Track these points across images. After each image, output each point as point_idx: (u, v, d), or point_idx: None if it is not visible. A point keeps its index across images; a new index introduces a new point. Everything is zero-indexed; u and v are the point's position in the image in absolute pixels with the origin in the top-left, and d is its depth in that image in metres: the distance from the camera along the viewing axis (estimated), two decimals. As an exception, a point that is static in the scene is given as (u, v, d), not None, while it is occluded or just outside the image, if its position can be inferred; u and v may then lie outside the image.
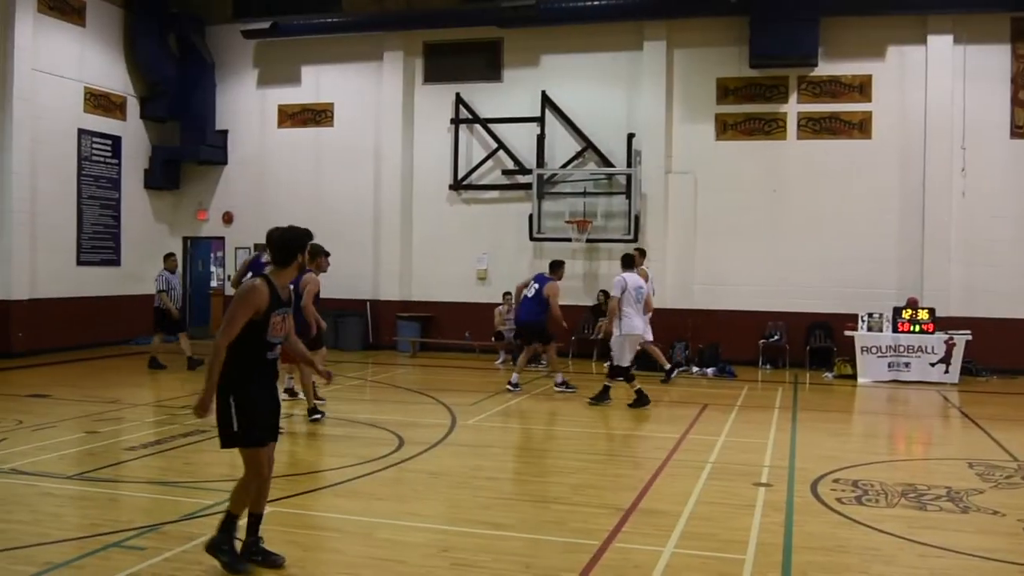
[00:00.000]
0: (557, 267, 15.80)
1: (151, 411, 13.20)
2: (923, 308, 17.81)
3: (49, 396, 14.07)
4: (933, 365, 17.45)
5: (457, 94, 21.88)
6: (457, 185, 21.87)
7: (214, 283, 24.76)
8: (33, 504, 7.90)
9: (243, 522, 6.42)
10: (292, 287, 6.63)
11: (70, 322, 20.22)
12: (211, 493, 8.21)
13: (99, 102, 21.90)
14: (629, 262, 14.16)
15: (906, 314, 17.72)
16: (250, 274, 11.14)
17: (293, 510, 7.87)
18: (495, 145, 21.66)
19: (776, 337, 19.43)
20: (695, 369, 18.58)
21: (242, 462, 6.35)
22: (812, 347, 19.20)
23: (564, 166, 21.15)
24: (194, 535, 6.94)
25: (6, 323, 19.10)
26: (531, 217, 20.74)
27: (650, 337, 15.69)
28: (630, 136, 20.56)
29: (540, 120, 21.27)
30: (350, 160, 22.73)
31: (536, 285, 15.58)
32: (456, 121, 21.94)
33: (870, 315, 17.97)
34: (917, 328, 17.61)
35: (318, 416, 12.17)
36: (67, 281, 20.69)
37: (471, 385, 16.49)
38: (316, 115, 23.15)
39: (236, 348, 6.13)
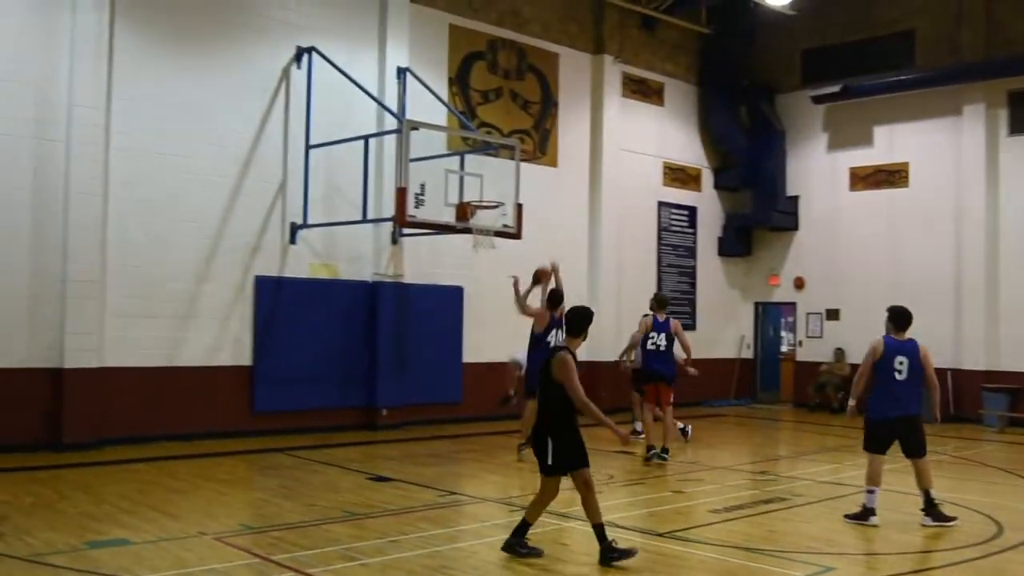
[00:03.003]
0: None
1: (730, 474, 13.50)
2: None
3: (632, 453, 14.84)
4: None
5: (1048, 144, 20.01)
6: (1054, 243, 19.90)
7: (784, 348, 24.87)
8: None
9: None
10: None
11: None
12: (797, 564, 8.14)
13: (676, 175, 23.32)
14: None
15: None
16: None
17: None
18: (1097, 198, 19.44)
19: None
20: None
21: (544, 486, 8.12)
22: None
23: None
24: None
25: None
26: None
27: None
28: None
29: None
30: (926, 220, 21.66)
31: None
32: (1050, 174, 20.05)
33: None
34: None
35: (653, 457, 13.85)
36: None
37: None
38: (890, 175, 22.44)
39: (553, 402, 7.91)
